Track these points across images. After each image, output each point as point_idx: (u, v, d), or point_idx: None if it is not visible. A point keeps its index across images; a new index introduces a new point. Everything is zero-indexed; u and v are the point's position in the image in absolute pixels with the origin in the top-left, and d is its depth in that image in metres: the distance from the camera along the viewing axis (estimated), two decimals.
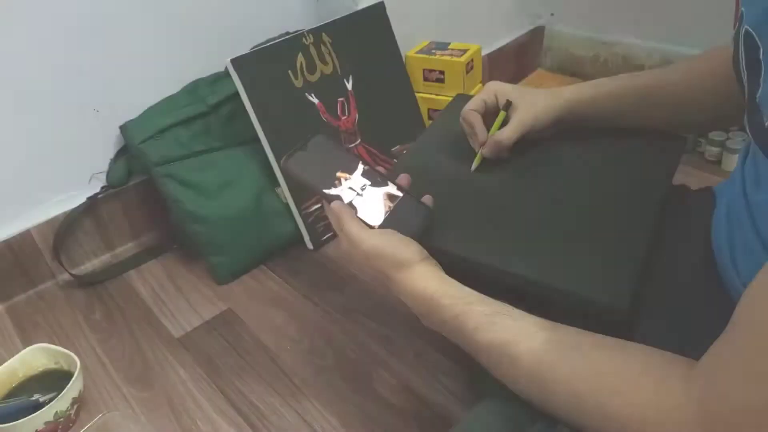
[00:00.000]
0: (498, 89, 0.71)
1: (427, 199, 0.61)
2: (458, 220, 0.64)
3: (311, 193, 0.60)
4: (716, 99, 0.64)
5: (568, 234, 0.61)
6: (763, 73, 0.39)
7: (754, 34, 0.40)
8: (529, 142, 0.71)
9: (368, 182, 0.60)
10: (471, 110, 0.70)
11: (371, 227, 0.57)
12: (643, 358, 0.41)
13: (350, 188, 0.59)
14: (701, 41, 1.27)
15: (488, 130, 0.70)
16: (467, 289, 0.52)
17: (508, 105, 0.69)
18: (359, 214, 0.58)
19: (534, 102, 0.69)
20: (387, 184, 0.60)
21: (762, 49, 0.39)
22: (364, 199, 0.59)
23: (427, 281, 0.53)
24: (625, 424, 0.38)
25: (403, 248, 0.55)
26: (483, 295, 0.51)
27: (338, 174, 0.60)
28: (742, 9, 0.43)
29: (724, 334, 0.36)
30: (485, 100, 0.70)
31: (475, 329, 0.48)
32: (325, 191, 0.59)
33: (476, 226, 0.64)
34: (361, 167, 0.61)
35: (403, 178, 0.63)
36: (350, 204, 0.58)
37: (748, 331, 0.34)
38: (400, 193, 0.60)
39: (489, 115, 0.71)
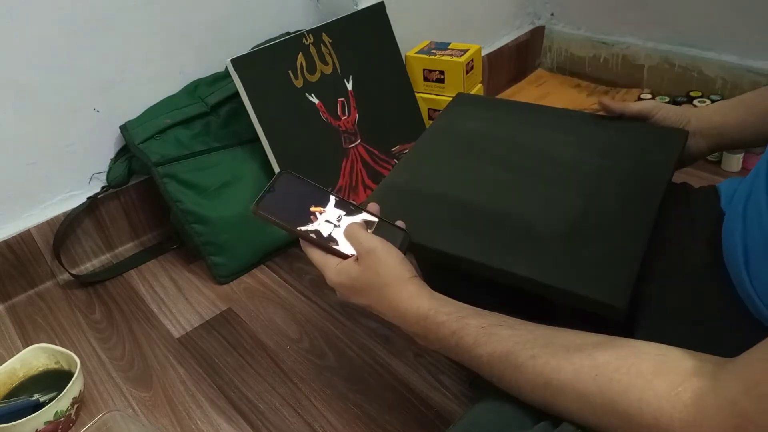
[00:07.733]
0: (658, 110, 0.73)
1: (400, 223, 0.60)
2: (458, 222, 0.64)
3: (288, 233, 0.59)
4: None
5: (566, 232, 0.61)
6: None
7: None
8: (527, 143, 0.72)
9: (343, 212, 0.59)
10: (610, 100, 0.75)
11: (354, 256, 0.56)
12: (656, 355, 0.40)
13: (327, 221, 0.58)
14: (701, 41, 1.29)
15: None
16: (459, 303, 0.51)
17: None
18: (340, 245, 0.57)
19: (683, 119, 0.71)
20: (361, 212, 0.59)
21: None
22: (342, 229, 0.58)
23: (419, 300, 0.52)
24: (635, 420, 0.38)
25: (399, 260, 0.55)
26: (476, 308, 0.50)
27: (312, 209, 0.59)
28: None
29: None
30: (638, 110, 0.74)
31: (474, 344, 0.47)
32: (301, 228, 0.57)
33: (475, 227, 0.63)
34: (333, 198, 0.60)
35: (373, 206, 0.62)
36: (329, 236, 0.57)
37: None
38: (375, 219, 0.59)
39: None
